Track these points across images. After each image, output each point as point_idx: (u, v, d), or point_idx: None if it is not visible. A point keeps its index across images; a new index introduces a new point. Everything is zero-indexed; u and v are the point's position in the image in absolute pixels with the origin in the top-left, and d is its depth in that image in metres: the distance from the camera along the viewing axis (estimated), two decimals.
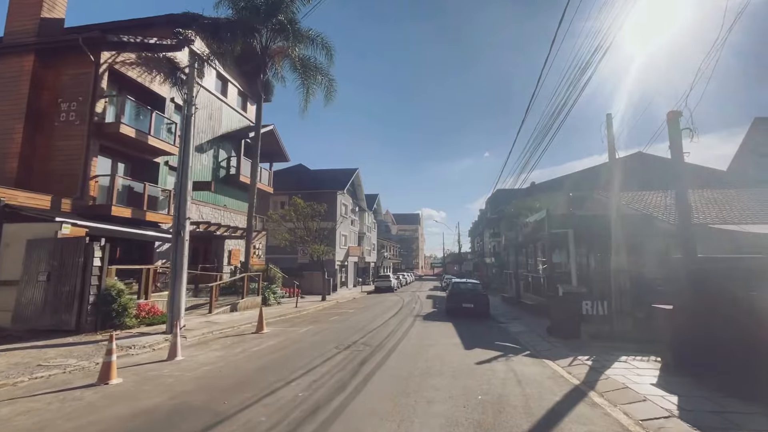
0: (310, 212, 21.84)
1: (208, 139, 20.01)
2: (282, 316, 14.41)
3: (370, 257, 45.63)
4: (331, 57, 19.86)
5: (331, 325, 12.20)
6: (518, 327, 12.26)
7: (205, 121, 19.71)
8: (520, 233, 19.31)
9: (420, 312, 16.58)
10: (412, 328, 11.58)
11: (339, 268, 33.13)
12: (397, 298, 26.22)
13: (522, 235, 18.82)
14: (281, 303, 18.75)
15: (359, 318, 14.21)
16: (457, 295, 15.05)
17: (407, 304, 21.29)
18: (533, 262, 17.81)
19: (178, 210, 10.06)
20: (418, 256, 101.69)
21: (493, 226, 55.68)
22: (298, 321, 13.21)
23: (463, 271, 50.98)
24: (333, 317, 14.43)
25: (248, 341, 9.14)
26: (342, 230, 33.62)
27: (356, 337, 9.67)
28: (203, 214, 19.17)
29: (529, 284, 17.94)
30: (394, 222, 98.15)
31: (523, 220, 21.86)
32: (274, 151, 25.69)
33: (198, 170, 19.13)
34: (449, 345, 8.86)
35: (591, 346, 8.84)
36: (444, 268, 73.98)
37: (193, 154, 18.68)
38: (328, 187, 32.86)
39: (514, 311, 16.72)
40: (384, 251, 56.95)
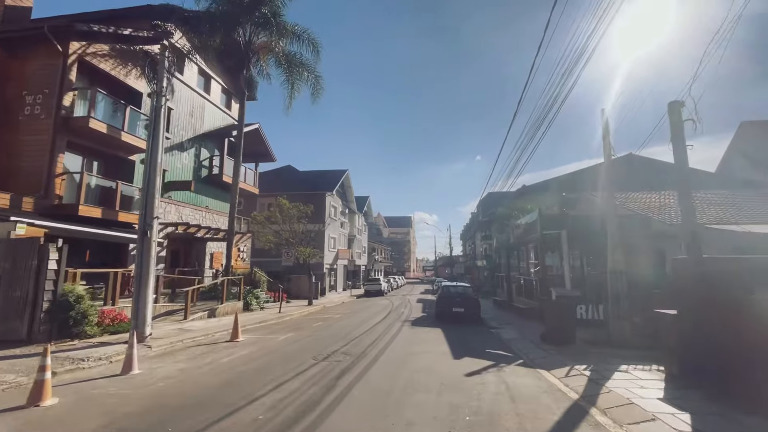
0: (296, 213, 21.10)
1: (189, 137, 19.20)
2: (263, 322, 13.64)
3: (360, 260, 44.92)
4: (318, 53, 19.27)
5: (313, 332, 11.49)
6: (510, 333, 11.69)
7: (185, 118, 18.92)
8: (511, 235, 18.83)
9: (409, 317, 15.93)
10: (399, 334, 10.93)
11: (328, 271, 32.36)
12: (387, 302, 25.55)
13: (514, 236, 18.33)
14: (264, 308, 17.96)
15: (344, 324, 13.52)
16: (446, 299, 14.45)
17: (396, 308, 20.64)
18: (525, 264, 17.31)
19: (144, 208, 9.30)
20: (410, 259, 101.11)
21: (485, 228, 55.38)
22: (279, 328, 12.47)
23: (455, 274, 50.50)
24: (317, 323, 13.71)
25: (219, 351, 8.40)
26: (331, 233, 32.89)
27: (338, 345, 8.98)
28: (183, 215, 18.34)
29: (521, 287, 17.43)
30: (385, 225, 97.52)
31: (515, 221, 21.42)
32: (259, 151, 24.93)
33: (178, 169, 18.33)
34: (437, 354, 8.23)
35: (588, 353, 8.29)
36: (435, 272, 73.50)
37: (166, 151, 17.93)
38: (317, 188, 32.15)
39: (506, 315, 16.17)
40: (375, 254, 56.24)
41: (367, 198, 47.46)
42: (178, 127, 18.39)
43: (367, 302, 25.63)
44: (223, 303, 15.12)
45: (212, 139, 21.26)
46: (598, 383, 5.97)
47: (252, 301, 16.98)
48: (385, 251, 70.07)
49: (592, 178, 20.10)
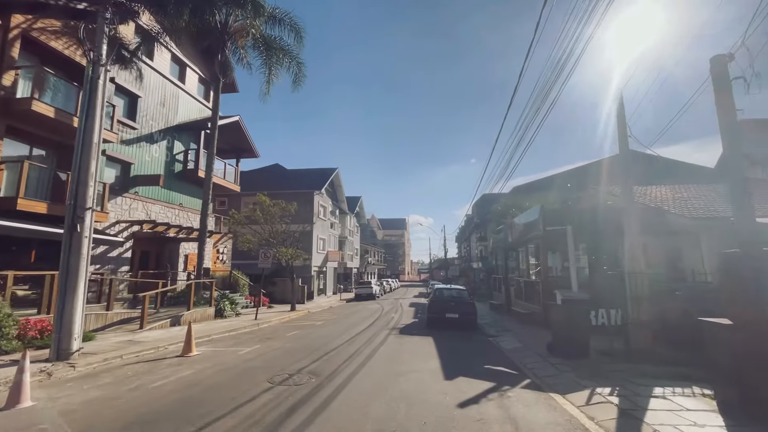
0: (278, 212, 19.56)
1: (160, 128, 17.65)
2: (232, 331, 12.09)
3: (352, 263, 43.37)
4: (301, 39, 17.83)
5: (284, 343, 9.96)
6: (511, 342, 10.24)
7: (155, 107, 17.37)
8: (509, 234, 17.44)
9: (398, 323, 14.45)
10: (383, 345, 9.43)
11: (316, 274, 30.78)
12: (377, 306, 24.05)
13: (512, 236, 16.93)
14: (241, 314, 16.38)
15: (324, 332, 12.01)
16: (439, 303, 12.98)
17: (386, 313, 19.15)
18: (525, 265, 15.91)
19: (74, 198, 7.75)
20: (405, 261, 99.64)
21: (480, 230, 54.09)
22: (248, 338, 10.92)
23: (450, 276, 49.11)
24: (293, 332, 12.18)
25: (159, 370, 6.86)
26: (320, 233, 31.35)
27: (306, 361, 7.48)
28: (151, 213, 16.74)
29: (520, 290, 16.02)
30: (380, 227, 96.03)
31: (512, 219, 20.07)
32: (241, 147, 23.40)
33: (146, 163, 16.75)
34: (425, 372, 6.75)
35: (607, 369, 6.86)
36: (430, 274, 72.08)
37: (132, 142, 16.28)
38: (305, 186, 30.62)
39: (504, 321, 14.74)
40: (368, 256, 54.70)
41: (359, 198, 45.96)
42: (146, 116, 16.84)
43: (356, 307, 24.10)
44: (191, 309, 13.53)
45: (188, 132, 19.73)
46: (634, 417, 4.54)
47: (226, 307, 15.40)
48: (379, 253, 68.54)
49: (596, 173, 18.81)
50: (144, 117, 16.73)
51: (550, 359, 7.95)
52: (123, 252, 15.36)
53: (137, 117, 16.33)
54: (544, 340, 9.87)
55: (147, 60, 16.89)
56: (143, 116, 16.69)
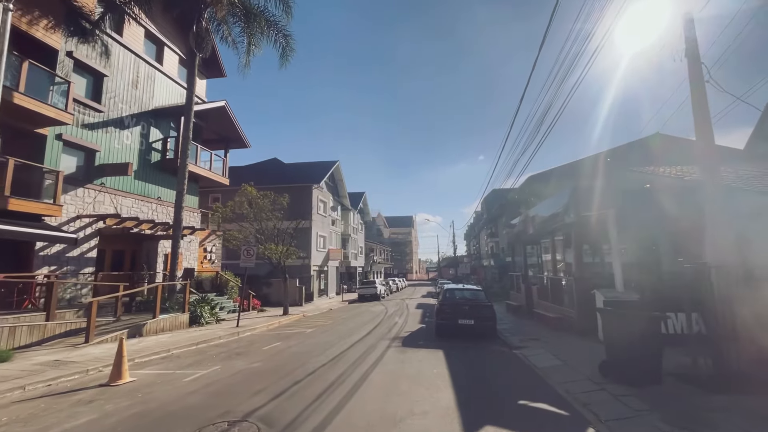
0: (268, 205, 17.49)
1: (132, 112, 15.70)
2: (202, 343, 10.04)
3: (356, 261, 41.28)
4: (289, 9, 15.79)
5: (252, 362, 7.84)
6: (545, 357, 8.00)
7: (126, 88, 15.42)
8: (529, 225, 15.14)
9: (401, 330, 12.28)
10: (377, 367, 7.25)
11: (316, 273, 28.74)
12: (381, 308, 21.90)
13: (532, 226, 14.64)
14: (224, 320, 14.33)
15: (310, 344, 9.90)
16: (450, 307, 10.76)
17: (390, 316, 16.99)
18: (551, 260, 13.62)
19: None
20: (413, 260, 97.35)
21: (491, 225, 51.58)
22: (214, 353, 8.85)
23: (459, 274, 46.74)
24: (274, 344, 10.07)
25: (51, 414, 4.80)
26: (319, 230, 29.29)
27: (264, 397, 5.33)
28: (122, 207, 14.80)
29: (545, 289, 13.73)
30: (386, 225, 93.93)
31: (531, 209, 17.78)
32: (229, 135, 21.41)
33: (116, 150, 14.81)
34: (433, 417, 4.57)
35: (706, 408, 4.62)
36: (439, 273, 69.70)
37: (96, 127, 14.21)
38: (303, 180, 28.58)
39: (528, 327, 12.47)
40: (373, 255, 52.56)
41: (363, 194, 43.79)
42: (115, 98, 14.90)
43: (358, 309, 21.99)
44: (157, 317, 11.50)
45: (167, 119, 17.77)
46: None
47: (203, 313, 13.37)
48: (385, 252, 66.39)
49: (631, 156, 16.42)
50: (112, 99, 14.79)
51: (608, 387, 5.71)
52: (86, 251, 13.44)
53: (103, 98, 14.39)
54: (587, 354, 7.64)
55: (115, 35, 14.97)
56: (110, 98, 14.75)
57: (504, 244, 43.21)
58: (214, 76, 21.66)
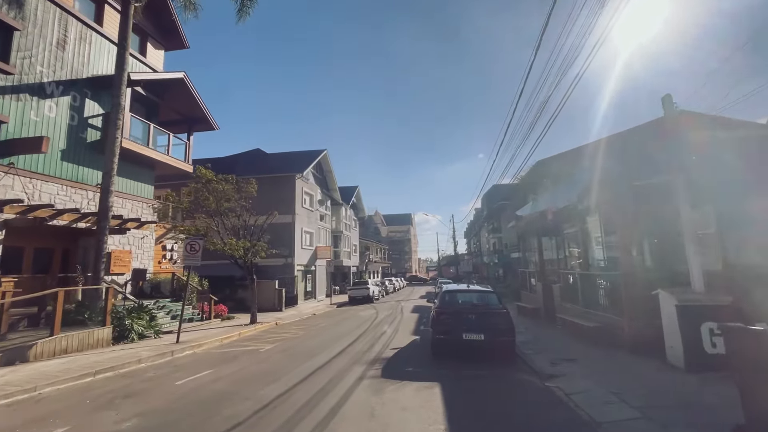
0: (231, 191, 14.52)
1: (58, 78, 12.75)
2: (103, 372, 7.11)
3: (350, 260, 38.34)
4: None
5: (133, 415, 4.91)
6: (600, 396, 5.05)
7: (48, 49, 12.47)
8: (549, 211, 12.22)
9: (387, 346, 9.34)
10: (331, 423, 4.34)
11: (301, 274, 25.80)
12: (371, 312, 18.98)
13: (554, 211, 11.73)
14: (163, 335, 11.33)
15: (253, 372, 6.98)
16: (451, 316, 7.81)
17: (377, 324, 14.07)
18: (582, 251, 10.71)
19: None
20: (411, 259, 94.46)
21: (492, 221, 48.70)
22: (98, 395, 5.91)
23: (461, 273, 43.78)
24: (203, 372, 7.12)
25: None
26: (305, 226, 26.36)
27: None
28: (41, 194, 11.87)
29: (572, 289, 10.81)
30: (384, 223, 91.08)
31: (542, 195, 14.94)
32: (194, 115, 18.44)
33: (33, 123, 11.86)
34: None
35: None
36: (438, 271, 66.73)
37: (5, 92, 11.33)
38: (285, 170, 25.63)
39: (553, 339, 9.55)
40: (369, 254, 49.61)
41: (356, 188, 40.78)
42: (31, 60, 11.94)
43: (344, 314, 19.07)
44: (56, 334, 8.53)
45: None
46: None
47: (134, 326, 10.38)
48: (382, 250, 63.45)
49: None
50: (26, 60, 11.85)
51: None
52: None
53: (12, 57, 11.46)
54: (666, 389, 4.73)
55: None
56: (24, 58, 11.80)
57: (508, 239, 40.31)
58: (174, 47, 18.68)
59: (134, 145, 14.76)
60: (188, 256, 10.54)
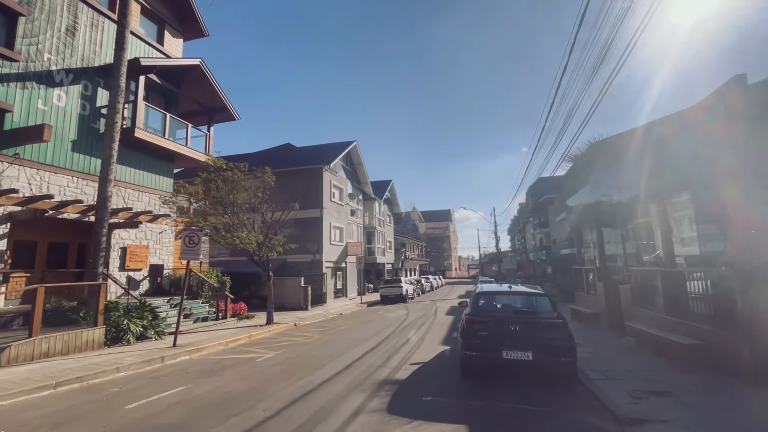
0: (244, 180, 13.39)
1: (68, 66, 12.25)
2: (68, 383, 6.01)
3: (384, 257, 36.77)
4: None
5: None
6: None
7: (57, 36, 11.98)
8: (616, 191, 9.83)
9: (406, 360, 7.59)
10: None
11: (331, 271, 24.62)
12: (401, 313, 17.27)
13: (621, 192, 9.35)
14: (165, 337, 10.29)
15: (230, 393, 5.55)
16: (487, 326, 5.89)
17: (404, 328, 12.33)
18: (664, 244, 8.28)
19: None
20: (451, 256, 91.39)
21: (538, 215, 45.05)
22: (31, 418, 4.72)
23: (504, 271, 40.77)
24: (173, 390, 5.79)
25: None
26: (334, 220, 25.13)
27: None
28: (49, 186, 11.38)
29: (648, 291, 8.40)
30: (421, 220, 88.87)
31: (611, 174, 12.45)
32: (213, 105, 17.69)
33: (39, 112, 11.36)
34: None
35: None
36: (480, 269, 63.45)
37: (9, 79, 10.67)
38: (312, 162, 24.52)
39: (625, 356, 7.29)
40: (405, 250, 47.84)
41: (389, 183, 39.11)
42: (38, 46, 11.45)
43: (372, 315, 17.52)
44: (35, 335, 7.64)
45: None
46: None
47: (131, 327, 9.41)
48: (420, 247, 61.38)
49: None
50: (32, 47, 11.36)
51: None
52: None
53: (17, 44, 10.99)
54: None
55: None
56: (31, 45, 11.32)
57: (557, 234, 36.81)
58: (192, 35, 18.04)
59: (148, 135, 14.08)
60: (186, 250, 9.42)
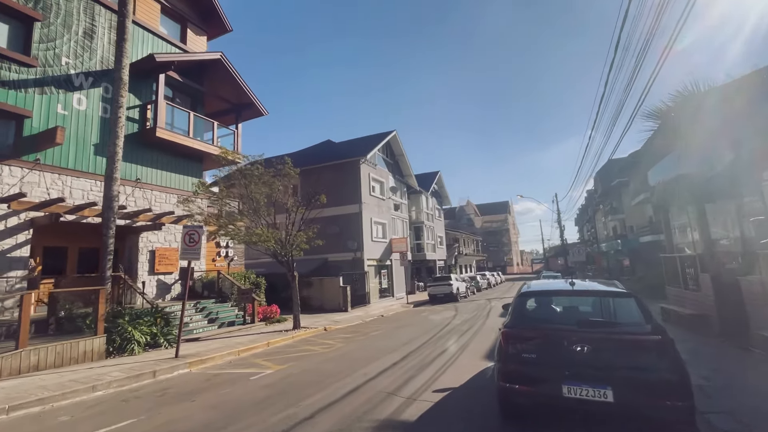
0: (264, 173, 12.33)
1: (86, 69, 12.12)
2: (25, 407, 5.12)
3: (435, 254, 34.62)
4: None
5: None
6: None
7: (74, 39, 11.89)
8: None
9: (431, 383, 5.75)
10: None
11: (374, 269, 23.19)
12: (448, 315, 15.24)
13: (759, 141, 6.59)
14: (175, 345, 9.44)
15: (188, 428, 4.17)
16: (536, 344, 3.89)
17: (445, 334, 10.39)
18: None
19: None
20: (511, 251, 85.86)
21: (610, 199, 39.80)
22: None
23: (571, 264, 36.46)
24: (117, 425, 4.58)
25: None
26: (375, 216, 23.66)
27: None
28: (72, 190, 11.22)
29: None
30: (477, 213, 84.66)
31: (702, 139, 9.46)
32: (240, 101, 17.08)
33: (60, 117, 11.25)
34: None
35: None
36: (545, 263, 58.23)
37: (27, 85, 10.21)
38: (348, 155, 23.27)
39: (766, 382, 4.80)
40: (458, 246, 45.11)
41: (437, 174, 36.75)
42: (54, 50, 11.39)
43: (414, 317, 15.71)
44: (21, 348, 6.98)
45: (146, 80, 14.00)
46: None
47: (136, 334, 8.65)
48: (476, 242, 57.93)
49: None
50: (49, 51, 11.28)
51: None
52: (12, 249, 9.94)
53: (34, 49, 10.92)
54: None
55: None
56: (48, 50, 11.25)
57: (633, 220, 31.92)
58: (216, 33, 17.62)
59: (171, 134, 13.64)
60: (186, 249, 8.42)
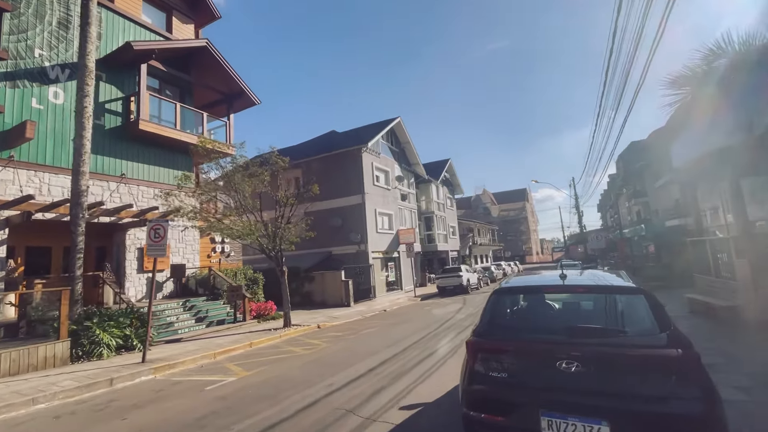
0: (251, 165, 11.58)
1: (62, 61, 11.63)
2: None
3: (447, 244, 33.46)
4: None
5: None
6: None
7: (48, 30, 11.37)
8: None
9: (402, 395, 4.88)
10: None
11: (381, 261, 22.36)
12: (453, 309, 14.29)
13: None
14: (152, 348, 8.88)
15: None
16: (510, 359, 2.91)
17: (442, 331, 9.47)
18: None
19: None
20: (530, 239, 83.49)
21: (633, 182, 37.51)
22: None
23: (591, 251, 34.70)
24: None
25: None
26: (379, 207, 22.75)
27: None
28: (50, 187, 10.81)
29: None
30: (494, 202, 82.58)
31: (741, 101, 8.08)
32: (230, 91, 16.39)
33: (33, 112, 10.80)
34: None
35: None
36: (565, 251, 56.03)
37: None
38: (348, 144, 22.37)
39: None
40: (472, 236, 43.75)
41: (447, 162, 35.32)
42: (27, 43, 10.91)
43: (418, 311, 14.82)
44: None
45: (128, 70, 13.44)
46: None
47: (105, 337, 8.09)
48: (491, 231, 56.30)
49: None
50: (21, 43, 10.81)
51: None
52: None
53: (3, 41, 10.45)
54: None
55: None
56: (19, 42, 10.78)
57: (658, 203, 29.84)
58: (203, 20, 16.91)
59: (155, 126, 13.08)
60: (152, 245, 7.76)
